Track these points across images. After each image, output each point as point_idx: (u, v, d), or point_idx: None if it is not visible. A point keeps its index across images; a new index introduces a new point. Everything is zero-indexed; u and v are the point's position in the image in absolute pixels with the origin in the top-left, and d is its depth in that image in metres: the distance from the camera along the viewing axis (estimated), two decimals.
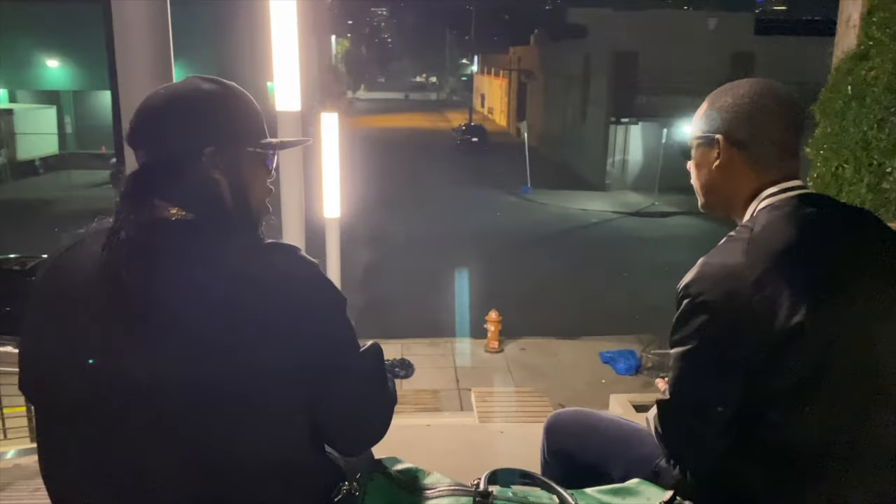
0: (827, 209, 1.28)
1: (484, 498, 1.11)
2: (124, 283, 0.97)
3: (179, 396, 0.97)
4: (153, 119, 1.12)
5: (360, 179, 24.04)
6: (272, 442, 1.03)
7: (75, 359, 1.00)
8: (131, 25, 1.99)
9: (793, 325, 1.13)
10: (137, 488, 1.00)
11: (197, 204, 1.09)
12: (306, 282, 1.07)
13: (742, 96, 1.33)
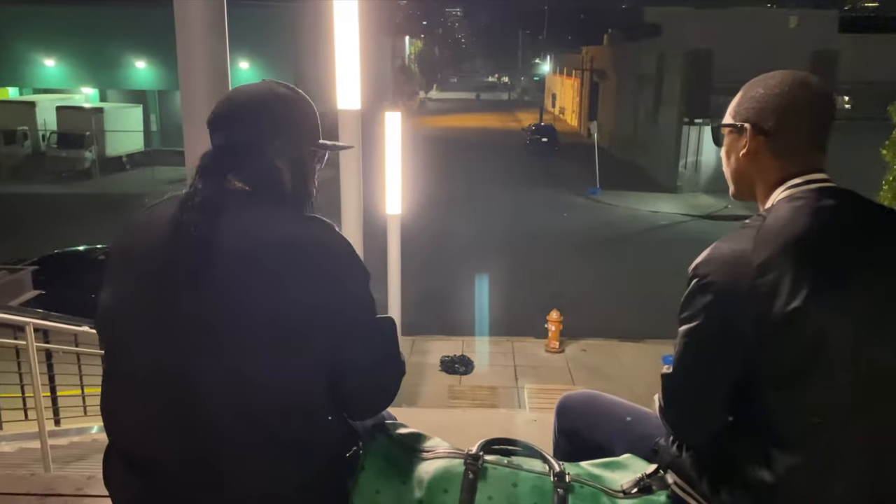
0: (846, 204, 1.31)
1: (474, 461, 1.21)
2: (193, 238, 1.16)
3: (224, 326, 1.15)
4: (235, 109, 1.32)
5: (428, 178, 24.28)
6: (297, 386, 1.18)
7: (140, 298, 1.21)
8: (191, 27, 2.16)
9: (790, 309, 1.17)
10: (187, 409, 1.16)
11: (259, 183, 1.29)
12: (334, 248, 1.24)
13: (773, 87, 1.36)
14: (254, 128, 1.30)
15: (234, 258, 1.17)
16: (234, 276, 1.16)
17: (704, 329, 1.27)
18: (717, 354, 1.26)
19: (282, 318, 1.16)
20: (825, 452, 1.19)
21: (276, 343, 1.16)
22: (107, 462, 1.27)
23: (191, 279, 1.16)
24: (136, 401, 1.22)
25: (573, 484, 1.18)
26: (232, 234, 1.18)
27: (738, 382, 1.25)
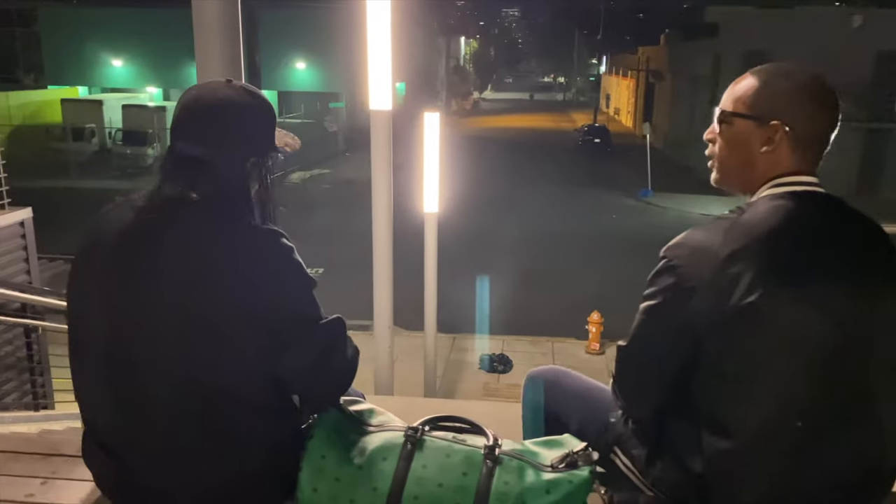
0: (825, 209, 1.34)
1: (414, 433, 1.32)
2: (144, 242, 1.28)
3: (165, 324, 1.27)
4: (193, 119, 1.37)
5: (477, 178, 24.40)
6: (232, 380, 1.29)
7: (95, 296, 1.33)
8: (207, 27, 2.33)
9: (744, 304, 1.21)
10: (139, 402, 1.29)
11: (214, 191, 1.34)
12: (273, 259, 1.32)
13: (803, 86, 1.35)
14: (210, 138, 1.35)
15: (178, 263, 1.27)
16: (177, 279, 1.27)
17: (662, 309, 1.32)
18: (669, 335, 1.32)
19: (218, 320, 1.26)
20: (756, 443, 1.25)
21: (212, 343, 1.27)
22: (84, 440, 1.41)
23: (138, 279, 1.28)
24: (92, 386, 1.36)
25: (502, 457, 1.28)
26: (178, 241, 1.28)
27: (683, 364, 1.31)
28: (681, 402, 1.33)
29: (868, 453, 1.27)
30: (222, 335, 1.27)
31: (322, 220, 18.92)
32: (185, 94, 1.40)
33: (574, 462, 1.28)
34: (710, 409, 1.29)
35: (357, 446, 1.31)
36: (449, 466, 1.26)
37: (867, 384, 1.26)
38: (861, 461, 1.27)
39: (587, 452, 1.30)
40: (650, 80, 38.86)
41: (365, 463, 1.28)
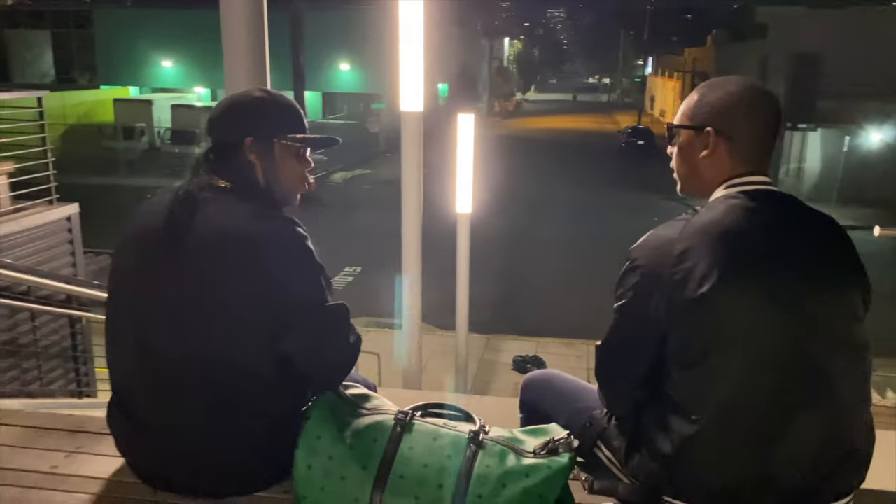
0: (776, 205, 1.40)
1: (403, 416, 1.39)
2: (173, 225, 1.41)
3: (186, 302, 1.38)
4: (217, 115, 1.56)
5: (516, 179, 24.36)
6: (244, 355, 1.39)
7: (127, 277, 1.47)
8: (234, 29, 2.44)
9: (698, 295, 1.29)
10: (157, 373, 1.40)
11: (236, 180, 1.50)
12: (284, 243, 1.42)
13: (733, 94, 1.46)
14: (230, 129, 1.52)
15: (199, 244, 1.39)
16: (197, 259, 1.39)
17: (629, 306, 1.40)
18: (639, 331, 1.39)
19: (231, 299, 1.37)
20: (717, 427, 1.30)
21: (226, 319, 1.38)
22: (109, 405, 1.53)
23: (161, 262, 1.40)
24: (119, 357, 1.49)
25: (486, 442, 1.34)
26: (201, 225, 1.40)
27: (654, 358, 1.37)
28: (655, 396, 1.38)
29: (829, 435, 1.31)
30: (233, 314, 1.37)
31: (362, 220, 19.14)
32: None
33: (555, 449, 1.33)
34: (676, 398, 1.35)
35: (350, 428, 1.38)
36: (434, 449, 1.33)
37: (824, 368, 1.30)
38: (822, 443, 1.30)
39: (568, 440, 1.36)
40: (696, 82, 38.29)
41: (356, 443, 1.35)
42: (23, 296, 5.35)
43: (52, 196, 6.33)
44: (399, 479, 1.30)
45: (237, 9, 2.45)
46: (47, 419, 1.81)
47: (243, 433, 1.42)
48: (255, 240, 1.39)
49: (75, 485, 1.52)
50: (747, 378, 1.29)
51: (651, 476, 1.39)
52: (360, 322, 12.91)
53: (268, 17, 2.43)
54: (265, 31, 2.53)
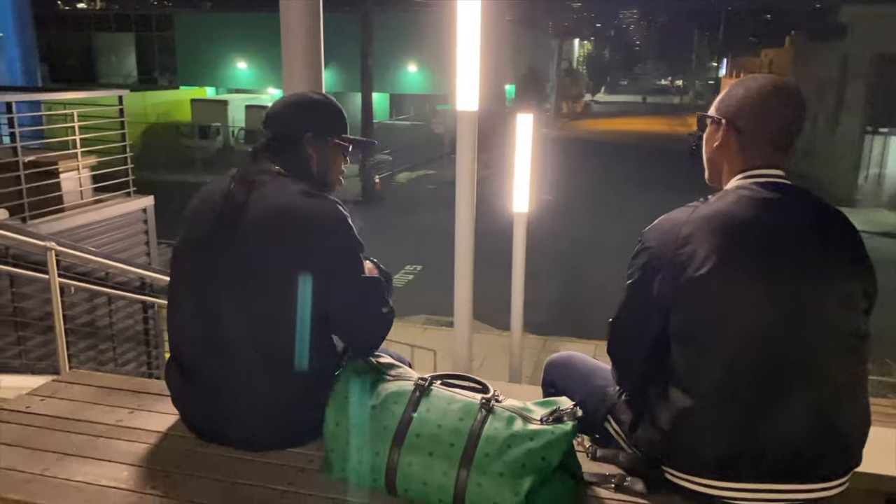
0: (785, 197, 1.46)
1: (423, 382, 1.52)
2: (231, 203, 1.59)
3: (242, 268, 1.55)
4: (279, 112, 1.75)
5: (580, 182, 24.19)
6: (292, 318, 1.54)
7: (191, 247, 1.65)
8: (293, 31, 2.62)
9: (697, 276, 1.38)
10: (217, 334, 1.57)
11: (291, 167, 1.69)
12: (330, 220, 1.59)
13: (752, 90, 1.53)
14: (291, 125, 1.71)
15: (255, 218, 1.57)
16: (252, 231, 1.56)
17: (637, 285, 1.50)
18: (645, 307, 1.48)
19: (281, 267, 1.54)
20: (711, 402, 1.38)
21: (276, 285, 1.54)
22: (168, 364, 1.71)
23: (220, 234, 1.58)
24: (178, 320, 1.67)
25: (496, 408, 1.46)
26: (257, 202, 1.58)
27: (659, 334, 1.46)
28: (659, 371, 1.47)
29: (816, 416, 1.37)
30: (282, 280, 1.54)
31: (424, 220, 19.38)
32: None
33: (560, 417, 1.44)
34: (676, 372, 1.44)
35: (375, 391, 1.52)
36: (449, 412, 1.45)
37: (815, 352, 1.37)
38: (810, 423, 1.37)
39: (573, 410, 1.46)
40: None
41: (379, 404, 1.48)
42: (101, 281, 5.72)
43: (129, 189, 6.74)
44: (415, 437, 1.43)
45: (295, 15, 2.62)
46: (115, 381, 2.02)
47: (284, 392, 1.58)
48: (304, 214, 1.57)
49: (136, 436, 1.71)
50: (739, 356, 1.37)
51: (650, 447, 1.48)
52: (418, 320, 13.12)
53: (338, 19, 2.61)
54: (321, 36, 2.70)
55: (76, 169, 6.21)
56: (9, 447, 1.65)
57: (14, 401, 1.89)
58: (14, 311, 5.02)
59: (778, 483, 1.39)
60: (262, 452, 1.62)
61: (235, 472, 1.55)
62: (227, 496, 1.46)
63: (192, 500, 1.45)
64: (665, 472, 1.47)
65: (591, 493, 1.49)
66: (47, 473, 1.54)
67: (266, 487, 1.50)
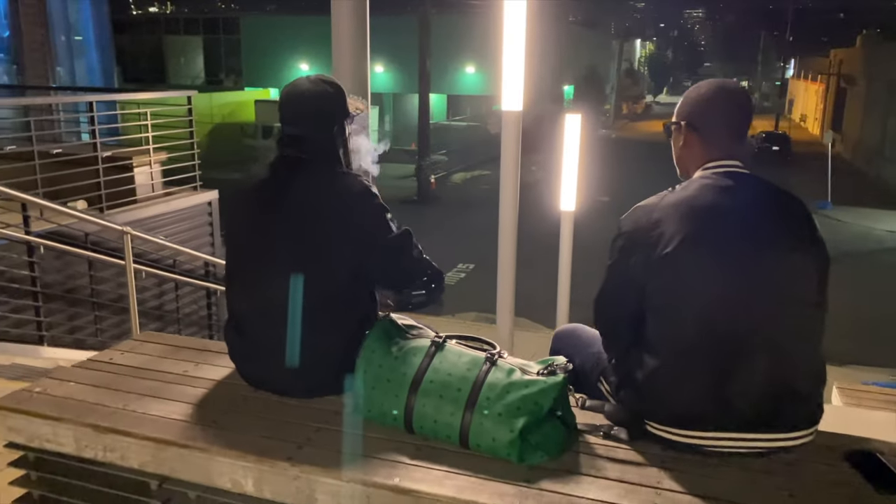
0: (741, 184, 1.68)
1: (439, 338, 1.77)
2: (273, 186, 1.88)
3: (289, 239, 1.84)
4: (298, 106, 1.97)
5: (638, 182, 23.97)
6: (333, 278, 1.83)
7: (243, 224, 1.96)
8: (342, 38, 2.92)
9: (665, 253, 1.60)
10: (267, 299, 1.85)
11: (315, 154, 1.94)
12: (358, 192, 1.87)
13: (701, 94, 1.78)
14: (307, 120, 1.94)
15: (299, 200, 1.86)
16: (294, 211, 1.85)
17: (616, 265, 1.73)
18: (623, 284, 1.72)
19: (321, 237, 1.82)
20: (678, 358, 1.60)
21: (318, 255, 1.82)
22: (226, 325, 2.01)
23: (267, 213, 1.88)
24: (238, 285, 1.96)
25: (499, 361, 1.70)
26: (298, 186, 1.88)
27: (636, 306, 1.69)
28: (636, 337, 1.70)
29: (772, 374, 1.57)
30: (324, 247, 1.82)
31: (478, 219, 19.60)
32: (283, 91, 1.99)
33: (553, 371, 1.67)
34: (648, 337, 1.66)
35: (398, 345, 1.78)
36: (458, 363, 1.70)
37: (771, 318, 1.56)
38: (767, 380, 1.57)
39: (565, 365, 1.69)
40: (841, 85, 36.04)
41: (401, 356, 1.75)
42: (169, 268, 6.17)
43: (196, 183, 7.20)
44: (429, 383, 1.68)
45: (345, 21, 2.93)
46: (182, 341, 2.33)
47: (324, 348, 1.86)
48: (339, 192, 1.86)
49: (199, 383, 2.01)
50: (701, 322, 1.59)
51: (630, 400, 1.70)
52: (468, 316, 13.36)
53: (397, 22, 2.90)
54: (367, 41, 2.99)
55: (148, 164, 6.69)
56: (97, 388, 1.97)
57: (101, 354, 2.23)
58: (91, 292, 5.48)
59: (741, 433, 1.59)
60: (304, 399, 1.90)
61: (279, 412, 1.84)
62: (272, 429, 1.75)
63: (243, 432, 1.73)
64: (645, 423, 1.68)
65: (582, 439, 1.72)
66: (128, 408, 1.85)
67: (304, 425, 1.78)
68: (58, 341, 5.13)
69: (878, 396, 4.99)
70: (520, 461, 1.58)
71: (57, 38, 11.21)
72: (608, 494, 1.50)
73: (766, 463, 1.61)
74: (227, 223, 2.02)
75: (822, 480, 1.56)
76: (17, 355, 4.20)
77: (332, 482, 1.57)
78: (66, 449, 1.81)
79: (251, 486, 1.65)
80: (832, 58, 39.11)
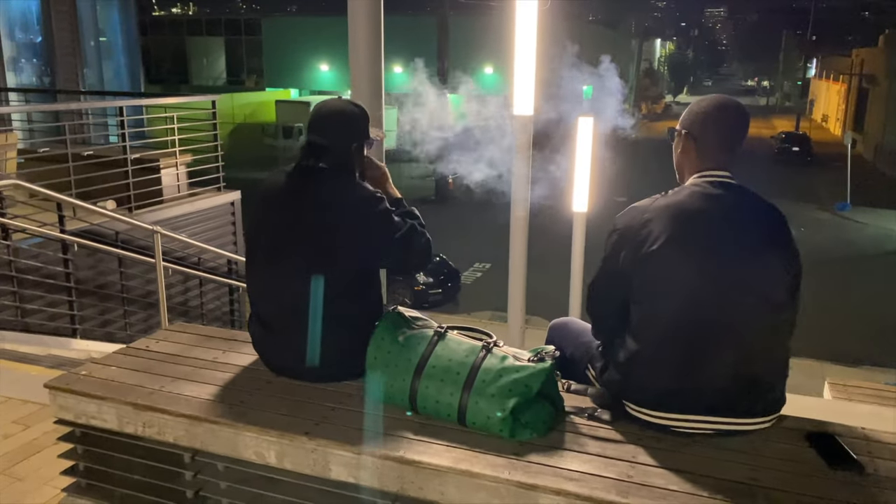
0: (731, 193, 1.86)
1: (441, 328, 1.97)
2: (293, 193, 2.10)
3: (306, 240, 2.05)
4: (322, 120, 2.19)
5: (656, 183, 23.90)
6: (346, 277, 2.04)
7: (262, 224, 2.16)
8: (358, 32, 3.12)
9: (650, 251, 1.78)
10: (287, 294, 2.06)
11: (333, 164, 2.15)
12: (364, 199, 2.07)
13: (703, 107, 1.95)
14: (331, 132, 2.15)
15: (315, 205, 2.07)
16: (312, 214, 2.06)
17: (609, 259, 1.93)
18: (614, 277, 1.91)
19: (336, 240, 2.03)
20: (655, 345, 1.79)
21: (332, 254, 2.03)
22: (250, 318, 2.23)
23: (288, 214, 2.09)
24: (257, 282, 2.18)
25: (494, 349, 1.90)
26: (314, 193, 2.08)
27: (623, 297, 1.88)
28: (622, 324, 1.88)
29: (738, 363, 1.75)
30: (337, 251, 2.03)
31: (493, 219, 19.78)
32: (315, 106, 2.21)
33: (542, 357, 1.87)
34: (632, 326, 1.85)
35: (404, 334, 1.98)
36: (458, 351, 1.90)
37: (741, 313, 1.75)
38: (733, 369, 1.75)
39: (553, 352, 1.88)
40: (863, 85, 35.76)
41: (406, 343, 1.95)
42: (194, 265, 6.43)
43: (219, 184, 7.47)
44: (432, 368, 1.89)
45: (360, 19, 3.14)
46: (211, 331, 2.56)
47: (338, 338, 2.06)
48: (352, 199, 2.06)
49: (228, 369, 2.23)
50: (678, 313, 1.77)
51: (612, 384, 1.89)
52: (484, 315, 13.57)
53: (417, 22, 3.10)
54: (381, 40, 3.20)
55: (174, 165, 6.96)
56: (136, 372, 2.20)
57: (137, 342, 2.46)
58: (122, 288, 5.75)
59: (711, 416, 1.78)
60: (321, 384, 2.11)
61: (299, 394, 2.05)
62: (291, 409, 1.96)
63: (266, 411, 1.95)
64: (625, 405, 1.87)
65: (568, 419, 1.92)
66: (164, 390, 2.08)
67: (321, 405, 1.99)
68: (89, 334, 5.40)
69: (866, 391, 5.11)
70: (511, 437, 1.78)
71: (86, 42, 11.57)
72: (588, 467, 1.69)
73: (732, 441, 1.80)
74: (248, 223, 2.23)
75: (781, 457, 1.74)
76: (52, 347, 4.47)
77: (345, 454, 1.78)
78: (109, 425, 2.05)
79: (273, 458, 1.86)
80: (854, 57, 38.80)
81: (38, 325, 4.93)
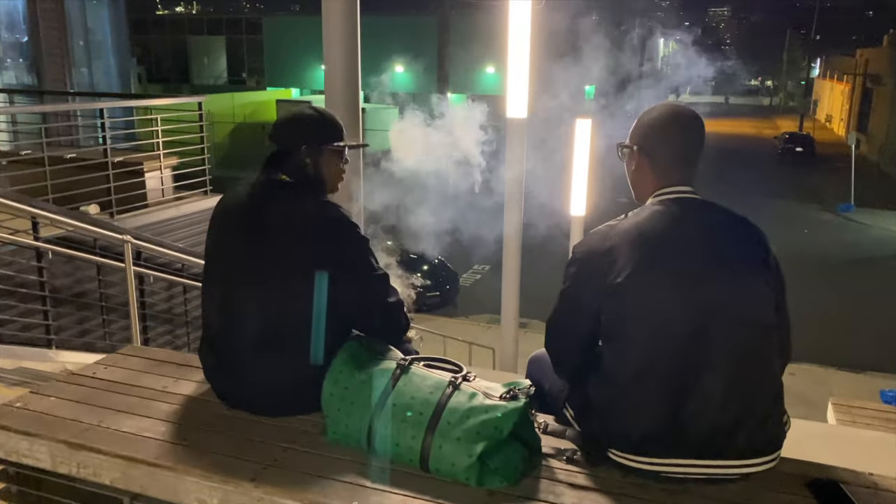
0: (695, 210, 1.69)
1: (404, 362, 1.78)
2: (251, 209, 1.91)
3: (260, 266, 1.87)
4: (279, 128, 2.05)
5: None
6: (304, 309, 1.83)
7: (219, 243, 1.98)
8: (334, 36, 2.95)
9: (616, 283, 1.60)
10: (241, 320, 1.88)
11: (296, 176, 1.98)
12: (336, 221, 1.89)
13: (653, 118, 1.78)
14: (291, 140, 2.00)
15: (272, 224, 1.88)
16: (270, 233, 1.87)
17: (569, 291, 1.74)
18: (575, 310, 1.73)
19: (293, 265, 1.84)
20: (632, 387, 1.60)
21: (290, 280, 1.84)
22: (201, 345, 2.04)
23: (244, 233, 1.90)
24: (209, 303, 2.00)
25: (462, 385, 1.70)
26: (273, 210, 1.90)
27: (589, 333, 1.70)
28: (590, 362, 1.71)
29: (728, 396, 1.56)
30: (296, 273, 1.84)
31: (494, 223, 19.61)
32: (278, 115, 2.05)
33: (515, 395, 1.67)
34: (603, 365, 1.67)
35: (364, 368, 1.79)
36: (422, 387, 1.71)
37: (724, 340, 1.56)
38: (722, 402, 1.56)
39: (527, 389, 1.69)
40: (868, 85, 35.48)
41: (366, 379, 1.76)
42: (177, 272, 6.24)
43: (206, 188, 7.28)
44: (392, 406, 1.70)
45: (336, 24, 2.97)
46: (166, 355, 2.37)
47: (295, 369, 1.88)
48: (316, 218, 1.88)
49: (177, 400, 2.04)
50: (655, 348, 1.59)
51: (591, 428, 1.70)
52: (482, 318, 13.37)
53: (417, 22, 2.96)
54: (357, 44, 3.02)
55: (159, 169, 6.77)
56: (76, 403, 2.01)
57: (85, 368, 2.27)
58: (100, 296, 5.57)
59: (702, 459, 1.59)
60: (275, 418, 1.92)
61: (250, 431, 1.86)
62: (239, 449, 1.77)
63: (212, 451, 1.76)
64: (605, 448, 1.68)
65: (545, 463, 1.73)
66: (102, 425, 1.89)
67: (272, 444, 1.80)
68: (66, 344, 5.22)
69: (871, 413, 4.91)
70: (478, 485, 1.59)
71: (74, 41, 11.40)
72: None
73: (727, 490, 1.60)
74: (207, 238, 2.05)
75: None
76: (24, 359, 4.28)
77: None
78: (43, 464, 1.86)
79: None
80: (858, 57, 38.51)
81: (10, 335, 4.74)
